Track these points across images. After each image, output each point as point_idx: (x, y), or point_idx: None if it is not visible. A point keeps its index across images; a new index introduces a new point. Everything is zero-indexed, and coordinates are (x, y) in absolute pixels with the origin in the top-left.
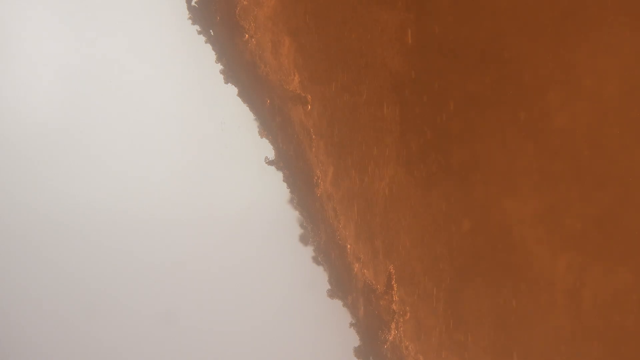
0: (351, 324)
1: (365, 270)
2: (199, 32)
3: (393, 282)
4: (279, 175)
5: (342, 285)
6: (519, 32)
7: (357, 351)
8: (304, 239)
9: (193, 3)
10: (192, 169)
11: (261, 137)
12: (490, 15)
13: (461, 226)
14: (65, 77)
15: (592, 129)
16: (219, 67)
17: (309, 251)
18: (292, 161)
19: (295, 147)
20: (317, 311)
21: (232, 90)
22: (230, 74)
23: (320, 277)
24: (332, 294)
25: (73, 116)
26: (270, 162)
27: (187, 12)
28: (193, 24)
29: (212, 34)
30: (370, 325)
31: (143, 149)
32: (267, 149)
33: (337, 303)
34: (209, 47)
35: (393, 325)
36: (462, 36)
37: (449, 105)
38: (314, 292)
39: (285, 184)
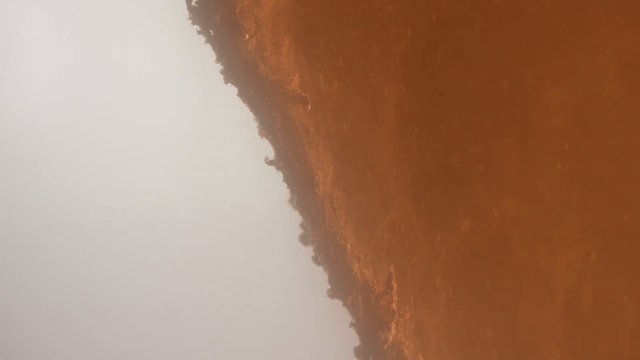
0: (351, 324)
1: (365, 270)
2: (199, 32)
3: (393, 282)
4: (279, 175)
5: (342, 285)
6: (519, 31)
7: (357, 351)
8: (304, 239)
9: (193, 3)
10: (191, 169)
11: (261, 137)
12: (490, 14)
13: (461, 226)
14: (64, 77)
15: (592, 129)
16: (219, 67)
17: (309, 251)
18: (292, 161)
19: (295, 147)
20: (317, 311)
21: (232, 90)
22: (230, 74)
23: (320, 277)
24: (332, 294)
25: (72, 116)
26: (270, 162)
27: (187, 12)
28: (193, 24)
29: (212, 34)
30: (370, 325)
31: (143, 149)
32: (267, 149)
33: (337, 303)
34: (209, 47)
35: (393, 325)
36: (463, 35)
37: (449, 105)
38: (314, 292)
39: (285, 184)
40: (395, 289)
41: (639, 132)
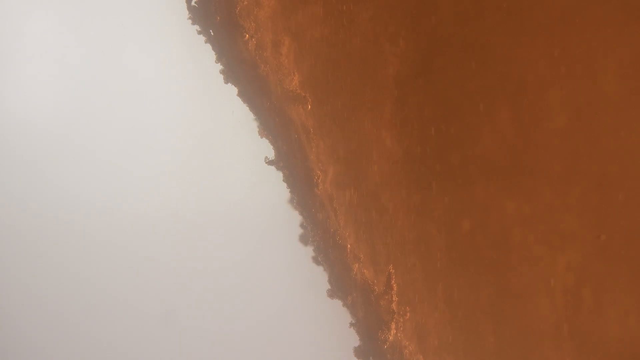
0: (351, 324)
1: (365, 270)
2: (199, 32)
3: (393, 282)
4: (279, 175)
5: (342, 285)
6: (519, 32)
7: (357, 351)
8: (304, 239)
9: (193, 3)
10: (191, 169)
11: (261, 137)
12: (490, 15)
13: (461, 226)
14: (65, 77)
15: (592, 129)
16: (219, 67)
17: (309, 251)
18: (292, 161)
19: (295, 147)
20: (317, 311)
21: (232, 90)
22: (230, 74)
23: (320, 277)
24: (332, 294)
25: (73, 116)
26: (270, 162)
27: (187, 12)
28: (193, 24)
29: (212, 34)
30: (370, 325)
31: (142, 149)
32: (267, 149)
33: (337, 303)
34: (209, 47)
35: (393, 325)
36: (463, 36)
37: (449, 105)
38: (314, 292)
39: (285, 184)
40: (395, 289)
41: (639, 132)
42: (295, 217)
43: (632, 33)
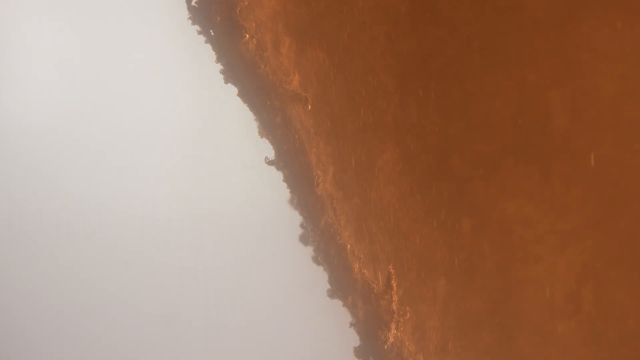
0: (351, 324)
1: (365, 270)
2: (199, 32)
3: (393, 282)
4: (279, 175)
5: (342, 285)
6: (519, 32)
7: (357, 351)
8: (304, 239)
9: (193, 3)
10: (191, 169)
11: (261, 137)
12: (490, 15)
13: (461, 226)
14: (65, 77)
15: (593, 129)
16: (219, 67)
17: (309, 251)
18: (292, 161)
19: (295, 147)
20: (317, 311)
21: (232, 90)
22: (230, 74)
23: (320, 277)
24: (332, 294)
25: (74, 117)
26: (270, 162)
27: (187, 12)
28: (193, 24)
29: (212, 34)
30: (370, 325)
31: (142, 150)
32: (267, 149)
33: (337, 303)
34: (209, 47)
35: (393, 325)
36: (463, 36)
37: (449, 106)
38: (314, 292)
39: (285, 184)
40: (395, 288)
41: (638, 132)
42: (295, 217)
43: (633, 33)
